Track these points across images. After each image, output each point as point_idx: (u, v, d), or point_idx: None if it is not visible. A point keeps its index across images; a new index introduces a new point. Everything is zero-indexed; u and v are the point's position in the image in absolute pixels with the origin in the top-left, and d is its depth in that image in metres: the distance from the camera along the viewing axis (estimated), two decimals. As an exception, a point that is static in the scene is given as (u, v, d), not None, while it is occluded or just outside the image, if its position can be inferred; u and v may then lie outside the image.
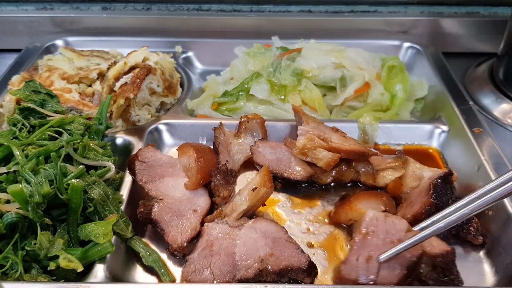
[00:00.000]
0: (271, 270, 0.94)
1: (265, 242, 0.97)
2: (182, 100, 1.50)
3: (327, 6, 1.83)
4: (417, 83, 1.54)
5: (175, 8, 1.84)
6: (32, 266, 0.93)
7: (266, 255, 0.95)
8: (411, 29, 1.79)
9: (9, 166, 1.00)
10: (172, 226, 1.02)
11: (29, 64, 1.59)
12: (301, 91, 1.44)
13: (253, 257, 0.95)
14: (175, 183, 1.11)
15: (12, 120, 1.17)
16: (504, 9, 1.78)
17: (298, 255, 0.96)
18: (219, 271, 0.94)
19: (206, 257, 0.96)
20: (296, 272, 0.94)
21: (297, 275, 0.95)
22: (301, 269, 0.94)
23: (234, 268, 0.94)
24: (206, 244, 0.98)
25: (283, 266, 0.94)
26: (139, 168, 1.11)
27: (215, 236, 0.99)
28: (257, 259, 0.95)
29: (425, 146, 1.35)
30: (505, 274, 0.99)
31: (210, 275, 0.94)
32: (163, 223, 1.03)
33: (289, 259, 0.95)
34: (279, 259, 0.95)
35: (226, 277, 0.93)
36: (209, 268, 0.94)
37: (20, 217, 0.92)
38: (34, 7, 1.82)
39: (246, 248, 0.97)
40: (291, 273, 0.94)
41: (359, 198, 1.08)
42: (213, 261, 0.95)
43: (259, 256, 0.95)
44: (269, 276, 0.94)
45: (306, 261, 0.95)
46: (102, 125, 1.23)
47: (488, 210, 1.09)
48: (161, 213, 1.04)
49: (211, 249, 0.97)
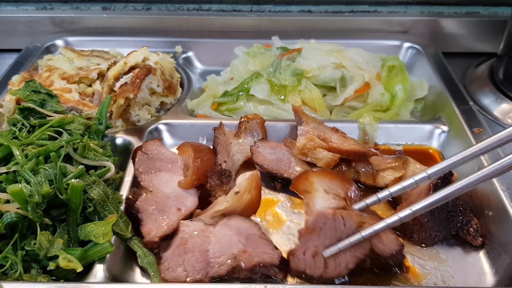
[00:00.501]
0: (243, 267, 0.94)
1: (238, 239, 0.97)
2: (182, 100, 1.50)
3: (327, 6, 1.83)
4: (417, 83, 1.54)
5: (175, 8, 1.84)
6: (31, 266, 0.93)
7: (239, 252, 0.95)
8: (411, 29, 1.79)
9: (9, 166, 1.00)
10: (151, 219, 1.03)
11: (29, 64, 1.59)
12: (301, 91, 1.44)
13: (226, 254, 0.96)
14: (170, 179, 1.12)
15: (12, 120, 1.17)
16: (504, 9, 1.78)
17: (271, 251, 0.96)
18: (192, 269, 0.94)
19: (180, 255, 0.96)
20: (268, 268, 0.95)
21: (268, 271, 0.95)
22: (273, 264, 0.95)
23: (207, 265, 0.95)
24: (180, 242, 0.98)
25: (255, 263, 0.94)
26: (139, 158, 1.14)
27: (189, 233, 0.99)
28: (230, 256, 0.95)
29: (425, 146, 1.35)
30: (505, 274, 0.99)
31: (183, 272, 0.94)
32: (144, 213, 1.03)
33: (261, 255, 0.95)
34: (252, 256, 0.95)
35: (199, 275, 0.93)
36: (182, 265, 0.95)
37: (19, 217, 0.92)
38: (34, 7, 1.82)
39: (219, 245, 0.97)
40: (263, 269, 0.94)
41: (320, 175, 1.01)
42: (186, 259, 0.96)
43: (232, 253, 0.95)
44: (242, 273, 0.94)
45: (278, 257, 0.95)
46: (102, 125, 1.23)
47: (487, 210, 1.09)
48: (145, 203, 1.05)
49: (185, 247, 0.97)
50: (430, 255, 1.04)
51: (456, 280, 0.99)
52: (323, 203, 0.94)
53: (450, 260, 1.03)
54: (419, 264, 1.02)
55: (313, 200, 0.96)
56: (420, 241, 1.06)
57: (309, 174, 1.02)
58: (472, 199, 1.14)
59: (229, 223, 1.00)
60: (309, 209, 0.96)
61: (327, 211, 0.93)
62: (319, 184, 0.98)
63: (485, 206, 1.10)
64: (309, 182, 0.99)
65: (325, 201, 0.95)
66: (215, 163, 1.17)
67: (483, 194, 1.12)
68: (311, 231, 0.94)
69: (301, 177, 1.02)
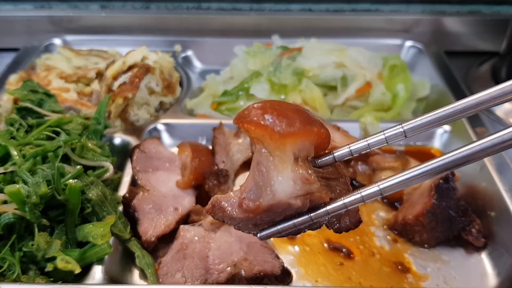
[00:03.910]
0: (244, 275, 0.91)
1: (239, 246, 0.96)
2: (181, 99, 1.49)
3: (328, 4, 1.81)
4: (419, 83, 1.53)
5: (174, 7, 1.83)
6: (29, 267, 0.92)
7: (240, 260, 0.93)
8: (413, 28, 1.78)
9: (6, 166, 0.99)
10: (148, 218, 1.02)
11: (27, 63, 1.58)
12: (301, 91, 1.43)
13: (226, 261, 0.94)
14: (167, 178, 1.11)
15: (10, 120, 1.16)
16: (506, 8, 1.77)
17: (272, 260, 0.94)
18: (191, 275, 0.92)
19: (179, 260, 0.95)
20: (269, 277, 0.92)
21: (270, 281, 0.93)
22: (274, 275, 0.92)
23: (206, 272, 0.93)
24: (180, 247, 0.97)
25: (256, 271, 0.92)
26: (137, 156, 1.13)
27: (189, 239, 0.98)
28: (230, 263, 0.93)
29: (427, 147, 1.34)
30: (508, 275, 0.98)
31: (181, 278, 0.92)
32: (140, 212, 1.02)
33: (262, 264, 0.93)
34: (253, 264, 0.93)
35: (198, 281, 0.92)
36: (181, 271, 0.93)
37: (17, 218, 0.91)
38: (32, 6, 1.81)
39: (220, 252, 0.95)
40: (265, 279, 0.92)
41: (296, 135, 0.62)
42: (185, 264, 0.94)
43: (233, 261, 0.93)
44: (241, 281, 0.92)
45: (280, 267, 0.93)
46: (100, 125, 1.22)
47: (490, 211, 1.08)
48: (142, 202, 1.04)
49: (184, 252, 0.96)
50: (432, 257, 1.03)
51: (458, 281, 0.98)
52: (289, 189, 0.61)
53: (452, 262, 1.02)
54: (421, 266, 1.01)
55: (274, 172, 0.62)
56: (422, 242, 1.05)
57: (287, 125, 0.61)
58: (475, 199, 1.13)
59: (230, 229, 0.98)
60: (263, 178, 0.63)
61: (294, 203, 0.62)
62: (291, 148, 0.62)
63: (487, 206, 1.09)
64: (280, 142, 0.61)
65: (294, 185, 0.62)
66: (213, 163, 1.17)
67: (485, 195, 1.11)
68: (261, 211, 0.63)
69: (269, 123, 0.60)
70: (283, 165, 0.61)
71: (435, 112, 0.65)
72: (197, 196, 1.12)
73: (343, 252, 1.04)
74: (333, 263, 1.01)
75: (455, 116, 0.64)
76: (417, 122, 0.66)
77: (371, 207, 1.15)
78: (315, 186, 0.63)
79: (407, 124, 0.66)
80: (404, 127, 0.67)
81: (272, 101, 0.65)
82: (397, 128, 0.67)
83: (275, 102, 0.64)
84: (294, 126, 0.61)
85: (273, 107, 0.62)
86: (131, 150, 1.18)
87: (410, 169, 0.64)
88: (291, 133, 0.60)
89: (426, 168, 0.62)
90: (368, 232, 1.08)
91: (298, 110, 0.64)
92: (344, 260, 1.02)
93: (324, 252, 1.04)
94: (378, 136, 0.67)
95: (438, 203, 1.02)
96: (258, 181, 0.63)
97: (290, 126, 0.61)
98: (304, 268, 1.00)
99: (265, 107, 0.62)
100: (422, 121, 0.66)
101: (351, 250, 1.04)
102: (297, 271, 0.99)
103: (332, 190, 0.66)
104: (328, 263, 1.01)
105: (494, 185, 1.09)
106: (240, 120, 0.63)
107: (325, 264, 1.01)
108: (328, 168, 0.68)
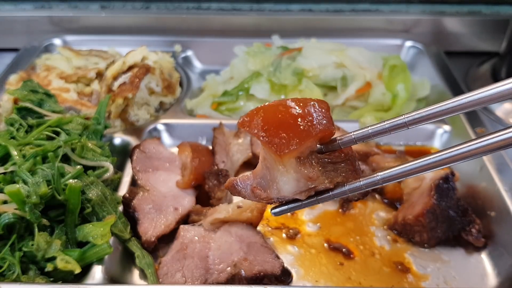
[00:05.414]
0: (244, 275, 0.91)
1: (239, 246, 0.96)
2: (181, 99, 1.49)
3: (328, 4, 1.81)
4: (419, 83, 1.53)
5: (174, 7, 1.83)
6: (29, 267, 0.92)
7: (240, 260, 0.93)
8: (412, 28, 1.78)
9: (6, 166, 0.99)
10: (148, 218, 1.02)
11: (27, 63, 1.58)
12: (301, 91, 1.42)
13: (226, 261, 0.94)
14: (167, 178, 1.11)
15: (10, 120, 1.16)
16: (506, 8, 1.77)
17: (272, 260, 0.94)
18: (191, 275, 0.93)
19: (179, 260, 0.95)
20: (269, 277, 0.92)
21: (270, 282, 0.93)
22: (274, 275, 0.92)
23: (206, 272, 0.93)
24: (180, 247, 0.97)
25: (256, 271, 0.92)
26: (137, 156, 1.13)
27: (189, 238, 0.98)
28: (230, 263, 0.93)
29: (427, 147, 1.34)
30: (508, 275, 0.98)
31: (181, 278, 0.93)
32: (140, 212, 1.02)
33: (262, 264, 0.93)
34: (253, 264, 0.93)
35: (198, 281, 0.92)
36: (181, 271, 0.93)
37: (17, 218, 0.91)
38: (32, 6, 1.81)
39: (220, 252, 0.95)
40: (265, 279, 0.92)
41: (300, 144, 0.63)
42: (185, 264, 0.94)
43: (233, 261, 0.93)
44: (241, 282, 0.92)
45: (280, 267, 0.93)
46: (100, 125, 1.22)
47: (490, 211, 1.08)
48: (142, 202, 1.04)
49: (185, 252, 0.96)
50: (432, 257, 1.03)
51: (458, 281, 0.98)
52: (293, 188, 0.65)
53: (452, 261, 1.02)
54: (421, 266, 1.01)
55: (277, 173, 0.65)
56: (422, 242, 1.05)
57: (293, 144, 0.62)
58: (475, 199, 1.13)
59: (230, 229, 0.99)
60: (269, 173, 0.66)
61: (299, 196, 0.67)
62: (293, 157, 0.64)
63: (487, 206, 1.09)
64: (281, 160, 0.63)
65: (297, 183, 0.65)
66: (213, 163, 1.17)
67: (485, 195, 1.11)
68: (270, 200, 0.68)
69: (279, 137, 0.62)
70: (286, 171, 0.65)
71: (439, 104, 0.67)
72: (197, 196, 1.12)
73: (343, 252, 1.04)
74: (333, 263, 1.01)
75: (459, 109, 0.66)
76: (420, 113, 0.68)
77: (371, 207, 1.15)
78: (318, 180, 0.65)
79: (409, 116, 0.68)
80: (406, 118, 0.69)
81: (270, 109, 0.64)
82: (400, 119, 0.69)
83: (273, 109, 0.64)
84: (293, 141, 0.62)
85: (268, 122, 0.63)
86: (131, 150, 1.18)
87: (409, 161, 0.67)
88: (291, 151, 0.62)
89: (424, 162, 0.65)
90: (368, 232, 1.09)
91: (297, 115, 0.63)
92: (344, 260, 1.02)
93: (324, 252, 1.04)
94: (380, 125, 0.71)
95: (438, 203, 1.02)
96: (265, 174, 0.67)
97: (289, 145, 0.62)
98: (304, 268, 1.00)
99: (265, 119, 0.63)
100: (424, 113, 0.68)
101: (351, 250, 1.04)
102: (297, 271, 0.99)
103: (338, 174, 0.67)
104: (328, 263, 1.01)
105: (494, 185, 1.09)
106: (244, 126, 0.65)
107: (325, 264, 1.01)
108: (334, 153, 0.68)
